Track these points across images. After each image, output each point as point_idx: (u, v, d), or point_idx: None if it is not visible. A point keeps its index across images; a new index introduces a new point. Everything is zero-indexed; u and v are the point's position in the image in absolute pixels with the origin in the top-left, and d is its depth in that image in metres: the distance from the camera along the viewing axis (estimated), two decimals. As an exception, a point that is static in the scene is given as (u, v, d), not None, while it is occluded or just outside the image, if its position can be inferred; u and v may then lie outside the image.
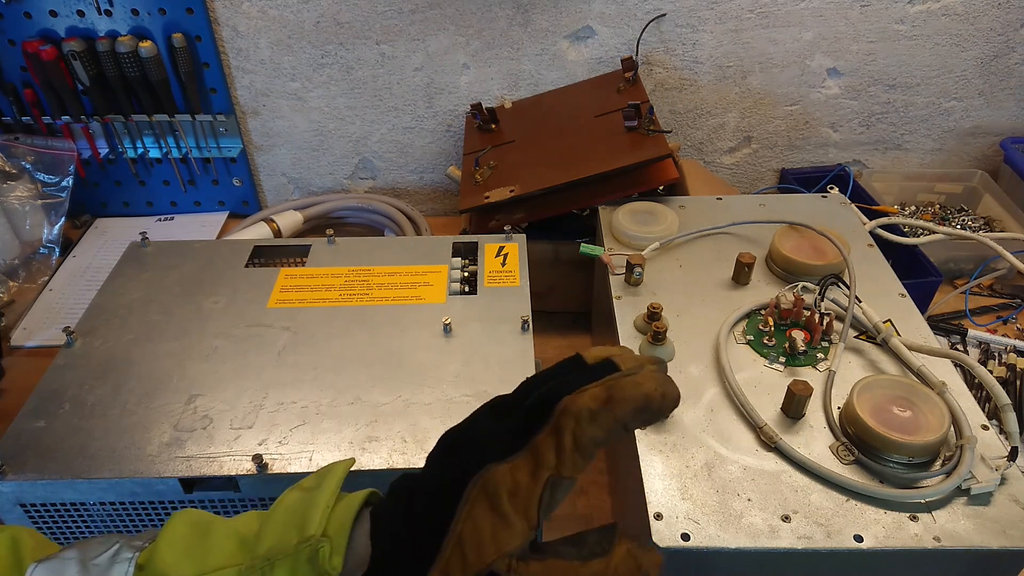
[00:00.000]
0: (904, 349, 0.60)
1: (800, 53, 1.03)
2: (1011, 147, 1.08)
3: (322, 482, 0.37)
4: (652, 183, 0.81)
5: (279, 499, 0.38)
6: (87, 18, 0.97)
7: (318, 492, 0.36)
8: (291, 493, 0.38)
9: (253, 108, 1.08)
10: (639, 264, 0.67)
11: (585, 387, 0.33)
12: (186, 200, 1.15)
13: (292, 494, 0.38)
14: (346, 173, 1.15)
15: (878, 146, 1.13)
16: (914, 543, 0.47)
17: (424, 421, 0.58)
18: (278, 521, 0.36)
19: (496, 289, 0.71)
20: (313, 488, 0.37)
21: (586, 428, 0.32)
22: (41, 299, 0.98)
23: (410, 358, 0.63)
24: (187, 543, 0.37)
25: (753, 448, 0.54)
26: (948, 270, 0.97)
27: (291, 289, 0.72)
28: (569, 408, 0.32)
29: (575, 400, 0.33)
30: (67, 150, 1.05)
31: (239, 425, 0.58)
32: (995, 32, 1.02)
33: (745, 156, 1.14)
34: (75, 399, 0.60)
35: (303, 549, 0.34)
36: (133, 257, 0.77)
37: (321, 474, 0.39)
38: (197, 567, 0.35)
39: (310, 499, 0.36)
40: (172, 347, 0.65)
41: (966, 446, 0.51)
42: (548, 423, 0.33)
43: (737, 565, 0.49)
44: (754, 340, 0.62)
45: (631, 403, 0.33)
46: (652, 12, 1.00)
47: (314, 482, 0.38)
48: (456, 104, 1.08)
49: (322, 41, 1.02)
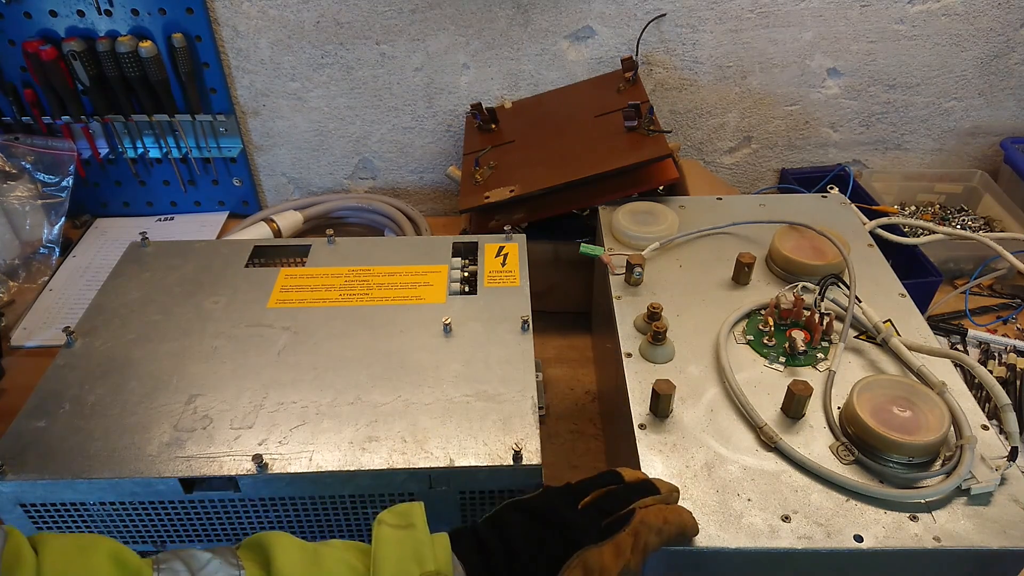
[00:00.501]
0: (904, 349, 0.60)
1: (800, 53, 1.03)
2: (1011, 147, 1.08)
3: (414, 521, 0.42)
4: (652, 183, 0.81)
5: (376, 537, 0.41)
6: (87, 18, 0.97)
7: (417, 531, 0.41)
8: (384, 530, 0.41)
9: (253, 108, 1.08)
10: (639, 264, 0.67)
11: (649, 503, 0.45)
12: (186, 200, 1.15)
13: (389, 532, 0.41)
14: (346, 173, 1.15)
15: (878, 146, 1.13)
16: (914, 543, 0.47)
17: (424, 421, 0.58)
18: (391, 555, 0.40)
19: (496, 289, 0.71)
20: (407, 527, 0.42)
21: (652, 538, 0.43)
22: (41, 299, 0.98)
23: (410, 358, 0.63)
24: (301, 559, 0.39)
25: (753, 448, 0.54)
26: (948, 270, 0.97)
27: (291, 289, 0.72)
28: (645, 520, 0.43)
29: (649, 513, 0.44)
30: (67, 150, 1.05)
31: (239, 425, 0.58)
32: (995, 32, 1.02)
33: (745, 156, 1.14)
34: (75, 399, 0.60)
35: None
36: (133, 257, 0.77)
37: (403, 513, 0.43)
38: None
39: (415, 536, 0.41)
40: (172, 347, 0.65)
41: (966, 446, 0.51)
42: (628, 525, 0.43)
43: (737, 565, 0.49)
44: (754, 340, 0.62)
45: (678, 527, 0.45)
46: (652, 12, 1.00)
47: (399, 520, 0.42)
48: (456, 104, 1.08)
49: (322, 41, 1.02)
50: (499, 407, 0.59)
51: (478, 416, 0.58)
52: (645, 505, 0.45)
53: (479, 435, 0.56)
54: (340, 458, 0.55)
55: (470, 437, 0.56)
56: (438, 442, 0.56)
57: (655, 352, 0.60)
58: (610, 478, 0.47)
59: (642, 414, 0.56)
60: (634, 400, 0.57)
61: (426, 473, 0.55)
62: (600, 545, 0.42)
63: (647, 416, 0.56)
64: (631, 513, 0.44)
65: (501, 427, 0.57)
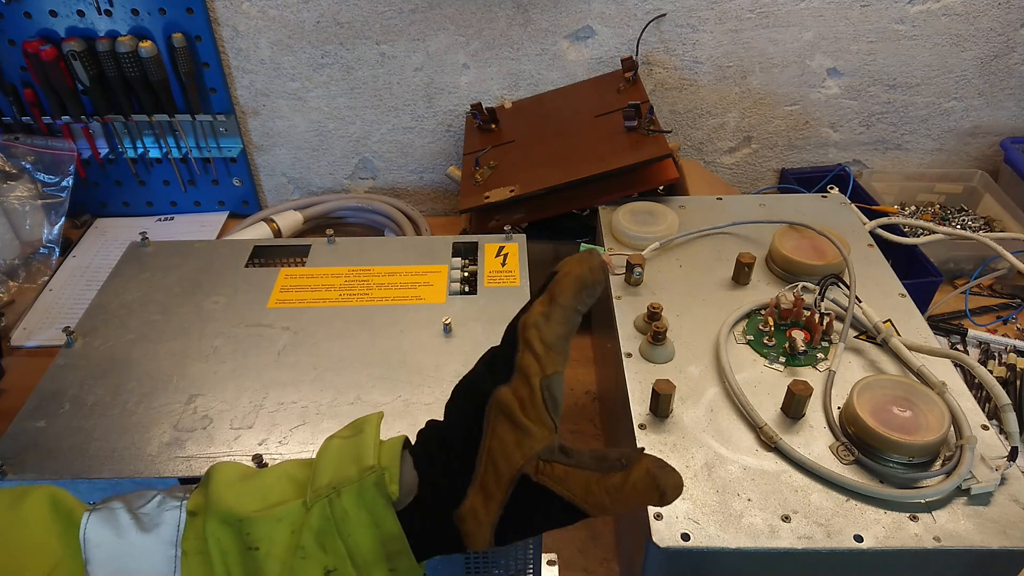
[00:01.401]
0: (904, 349, 0.60)
1: (800, 53, 1.03)
2: (1011, 147, 1.08)
3: (363, 428, 0.40)
4: (652, 183, 0.81)
5: (322, 448, 0.40)
6: (87, 18, 0.97)
7: (363, 436, 0.39)
8: (332, 441, 0.40)
9: (253, 108, 1.08)
10: (639, 264, 0.67)
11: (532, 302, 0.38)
12: (186, 200, 1.15)
13: (333, 442, 0.40)
14: (346, 173, 1.15)
15: (878, 146, 1.13)
16: (914, 543, 0.47)
17: (424, 421, 0.57)
18: (330, 461, 0.38)
19: (496, 289, 0.71)
20: (353, 435, 0.40)
21: (545, 329, 0.37)
22: (41, 299, 0.98)
23: (410, 358, 0.63)
24: (242, 485, 0.38)
25: (753, 448, 0.54)
26: (948, 270, 0.97)
27: (291, 289, 0.72)
28: (526, 322, 0.37)
29: (528, 315, 0.37)
30: (67, 150, 1.05)
31: (239, 425, 0.58)
32: (995, 32, 1.02)
33: (745, 156, 1.14)
34: (75, 399, 0.60)
35: (368, 476, 0.37)
36: (133, 257, 0.77)
37: (356, 425, 0.41)
38: (260, 503, 0.37)
39: (357, 440, 0.39)
40: (172, 347, 0.65)
41: (966, 446, 0.51)
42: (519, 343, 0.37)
43: (737, 565, 0.49)
44: (754, 340, 0.62)
45: (569, 291, 0.36)
46: (652, 12, 1.00)
47: (351, 432, 0.40)
48: (456, 104, 1.08)
49: (322, 41, 1.02)
50: (499, 407, 0.58)
51: (478, 416, 0.58)
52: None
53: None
54: (340, 458, 0.55)
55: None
56: (438, 442, 0.56)
57: (655, 352, 0.60)
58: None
59: (642, 414, 0.56)
60: (634, 400, 0.57)
61: (426, 473, 0.55)
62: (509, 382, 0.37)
63: (647, 416, 0.56)
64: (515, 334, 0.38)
65: (501, 427, 0.57)
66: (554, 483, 0.36)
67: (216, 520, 0.37)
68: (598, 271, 0.37)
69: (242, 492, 0.38)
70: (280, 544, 0.36)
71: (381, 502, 0.36)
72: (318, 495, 0.37)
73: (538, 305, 0.37)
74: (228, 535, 0.36)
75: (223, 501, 0.37)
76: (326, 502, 0.36)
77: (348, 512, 0.36)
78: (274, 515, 0.37)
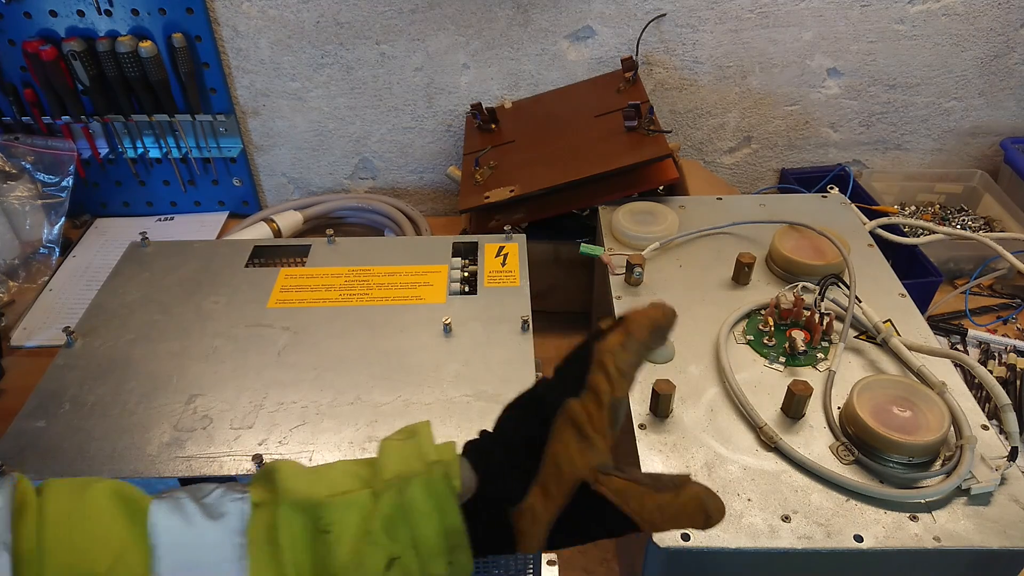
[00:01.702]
0: (904, 349, 0.60)
1: (800, 53, 1.03)
2: (1011, 147, 1.08)
3: (417, 431, 0.42)
4: (652, 183, 0.81)
5: (381, 447, 0.41)
6: (87, 18, 0.97)
7: (420, 437, 0.41)
8: (389, 443, 0.41)
9: (253, 108, 1.08)
10: (639, 264, 0.67)
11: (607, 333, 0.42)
12: (186, 200, 1.15)
13: (391, 443, 0.41)
14: (346, 173, 1.15)
15: (878, 146, 1.13)
16: (914, 543, 0.47)
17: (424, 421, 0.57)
18: (393, 457, 0.40)
19: (496, 289, 0.71)
20: (408, 438, 0.42)
21: (620, 356, 0.41)
22: (41, 299, 0.98)
23: (410, 358, 0.63)
24: (307, 475, 0.39)
25: (753, 448, 0.54)
26: (948, 270, 0.97)
27: (291, 289, 0.72)
28: (603, 347, 0.41)
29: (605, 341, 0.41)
30: (67, 150, 1.05)
31: (239, 425, 0.58)
32: (995, 32, 1.02)
33: (745, 156, 1.14)
34: (75, 399, 0.60)
35: (436, 468, 0.39)
36: (133, 257, 0.77)
37: (408, 430, 0.43)
38: (325, 490, 0.38)
39: (416, 441, 0.41)
40: (172, 347, 0.65)
41: (966, 446, 0.51)
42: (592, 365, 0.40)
43: (737, 565, 0.49)
44: (754, 340, 0.62)
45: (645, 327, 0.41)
46: (652, 12, 1.00)
47: (405, 435, 0.42)
48: (456, 104, 1.08)
49: (322, 41, 1.02)
50: (499, 407, 0.58)
51: (478, 416, 0.58)
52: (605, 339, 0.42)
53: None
54: (340, 458, 0.55)
55: (470, 437, 0.56)
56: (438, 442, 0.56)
57: (655, 352, 0.60)
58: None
59: (642, 414, 0.56)
60: (634, 400, 0.57)
61: (426, 473, 0.55)
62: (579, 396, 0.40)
63: (647, 416, 0.56)
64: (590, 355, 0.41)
65: (501, 427, 0.57)
66: (611, 493, 0.38)
67: (288, 506, 0.37)
68: (670, 316, 0.42)
69: (312, 481, 0.39)
70: (351, 528, 0.37)
71: (447, 494, 0.38)
72: (388, 485, 0.38)
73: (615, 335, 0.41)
74: (299, 520, 0.37)
75: (296, 489, 0.38)
76: (396, 491, 0.38)
77: (416, 501, 0.38)
78: (346, 500, 0.38)
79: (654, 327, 0.42)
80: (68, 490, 0.38)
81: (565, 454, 0.39)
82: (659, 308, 0.42)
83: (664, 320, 0.42)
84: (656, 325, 0.42)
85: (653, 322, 0.42)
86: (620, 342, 0.41)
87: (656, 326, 0.42)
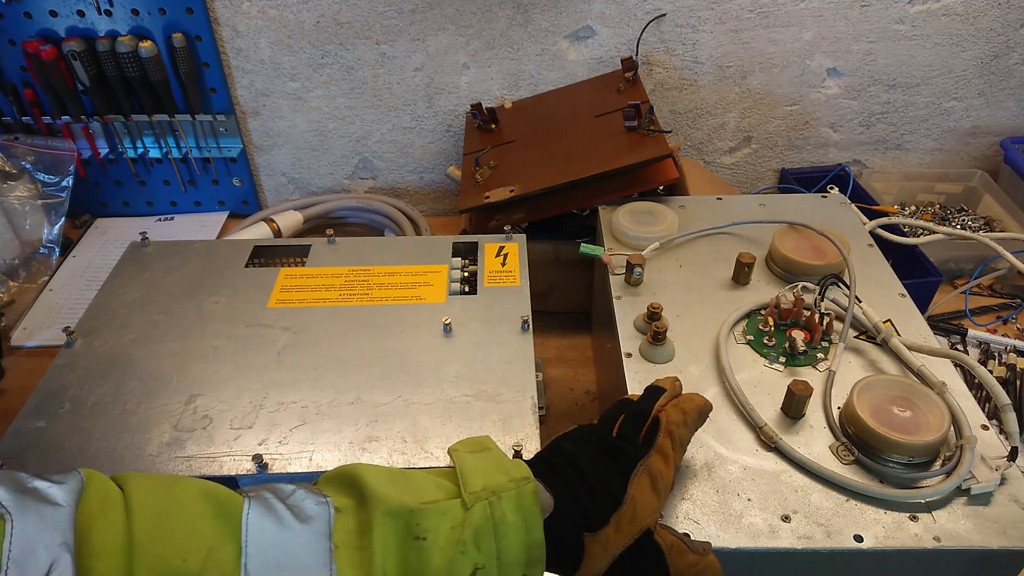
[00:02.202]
0: (904, 349, 0.60)
1: (800, 53, 1.03)
2: (1011, 147, 1.08)
3: (487, 446, 0.45)
4: (652, 183, 0.81)
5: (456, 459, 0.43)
6: (87, 18, 0.97)
7: (494, 452, 0.44)
8: (462, 455, 0.44)
9: (253, 108, 1.08)
10: (639, 264, 0.67)
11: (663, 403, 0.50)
12: (186, 200, 1.15)
13: (464, 455, 0.43)
14: (346, 173, 1.15)
15: (878, 146, 1.13)
16: (914, 543, 0.47)
17: (424, 421, 0.58)
18: (475, 470, 0.42)
19: (496, 289, 0.71)
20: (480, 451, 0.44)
21: (682, 431, 0.48)
22: (41, 299, 0.98)
23: (410, 358, 0.63)
24: (394, 482, 0.40)
25: (753, 448, 0.54)
26: (948, 270, 0.97)
27: (291, 289, 0.72)
28: (670, 418, 0.48)
29: (669, 412, 0.49)
30: (67, 150, 1.05)
31: (239, 425, 0.58)
32: (995, 32, 1.02)
33: (745, 156, 1.14)
34: (75, 399, 0.60)
35: (525, 485, 0.41)
36: (133, 257, 0.77)
37: (476, 443, 0.46)
38: (415, 498, 0.40)
39: (495, 454, 0.44)
40: (172, 347, 0.65)
41: (966, 446, 0.51)
42: (660, 431, 0.47)
43: (737, 565, 0.49)
44: (754, 340, 0.62)
45: (696, 412, 0.50)
46: (652, 12, 1.00)
47: (475, 447, 0.45)
48: (456, 104, 1.08)
49: (322, 41, 1.02)
50: (499, 407, 0.59)
51: (478, 416, 0.58)
52: (662, 407, 0.49)
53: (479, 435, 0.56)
54: (340, 458, 0.55)
55: (470, 437, 0.56)
56: (438, 442, 0.56)
57: (655, 352, 0.60)
58: (622, 406, 0.50)
59: (642, 414, 0.56)
60: (634, 400, 0.57)
61: (426, 473, 0.55)
62: (650, 455, 0.46)
63: (647, 416, 0.56)
64: (656, 421, 0.48)
65: (501, 427, 0.57)
66: (664, 544, 0.44)
67: (383, 512, 0.38)
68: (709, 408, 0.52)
69: (402, 489, 0.40)
70: (443, 536, 0.39)
71: (535, 510, 0.40)
72: (477, 497, 0.40)
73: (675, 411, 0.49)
74: (392, 527, 0.38)
75: (390, 495, 0.39)
76: (487, 504, 0.40)
77: (507, 515, 0.40)
78: (439, 509, 0.39)
79: (702, 411, 0.51)
80: (155, 485, 0.38)
81: (642, 499, 0.44)
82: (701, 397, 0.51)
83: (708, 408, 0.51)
84: (703, 410, 0.51)
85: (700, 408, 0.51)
86: (681, 420, 0.48)
87: (703, 411, 0.51)
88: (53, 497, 0.35)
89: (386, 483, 0.40)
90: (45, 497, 0.35)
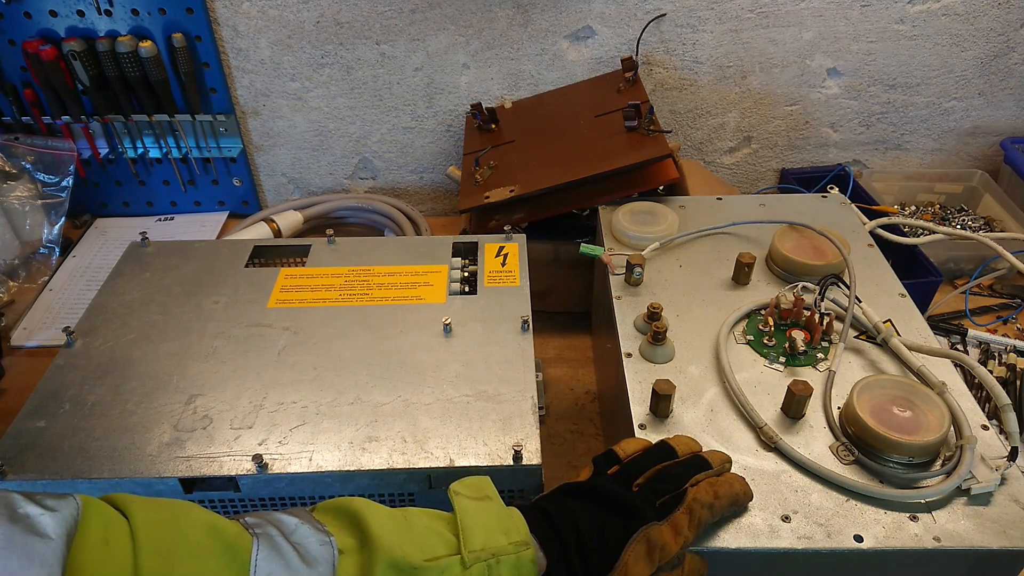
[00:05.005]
0: (904, 349, 0.60)
1: (800, 53, 1.03)
2: (1011, 147, 1.08)
3: (488, 494, 0.45)
4: (652, 183, 0.81)
5: (458, 508, 0.43)
6: (87, 18, 0.97)
7: (495, 503, 0.44)
8: (463, 501, 0.44)
9: (253, 108, 1.08)
10: (639, 264, 0.67)
11: (698, 480, 0.47)
12: (186, 200, 1.15)
13: (468, 502, 0.44)
14: (346, 173, 1.15)
15: (878, 146, 1.13)
16: (914, 543, 0.47)
17: (424, 421, 0.58)
18: (476, 524, 0.42)
19: (496, 289, 0.71)
20: (483, 499, 0.45)
21: (704, 513, 0.46)
22: (41, 299, 0.98)
23: (410, 358, 0.63)
24: (396, 529, 0.41)
25: (753, 448, 0.54)
26: (948, 270, 0.97)
27: (291, 289, 0.72)
28: (697, 497, 0.46)
29: (700, 490, 0.46)
30: (67, 150, 1.05)
31: (239, 425, 0.58)
32: (995, 32, 1.02)
33: (745, 156, 1.14)
34: (75, 399, 0.60)
35: (524, 552, 0.42)
36: (133, 257, 0.77)
37: (477, 486, 0.46)
38: (420, 554, 0.40)
39: (495, 507, 0.44)
40: (172, 347, 0.65)
41: (966, 446, 0.51)
42: (683, 504, 0.46)
43: (737, 565, 0.49)
44: (754, 340, 0.62)
45: (729, 499, 0.47)
46: (652, 12, 1.00)
47: (474, 492, 0.45)
48: (456, 104, 1.08)
49: (322, 41, 1.02)
50: (499, 407, 0.59)
51: (478, 416, 0.58)
52: (696, 482, 0.47)
53: (479, 435, 0.56)
54: (340, 458, 0.55)
55: (470, 437, 0.56)
56: (438, 442, 0.56)
57: (655, 352, 0.60)
58: (663, 453, 0.49)
59: (642, 414, 0.56)
60: (634, 400, 0.57)
61: (426, 473, 0.55)
62: (660, 524, 0.45)
63: (647, 416, 0.56)
64: (684, 492, 0.46)
65: (501, 427, 0.57)
66: None
67: (384, 562, 0.39)
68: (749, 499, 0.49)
69: (404, 539, 0.41)
70: None
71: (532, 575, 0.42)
72: (477, 558, 0.41)
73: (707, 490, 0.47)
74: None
75: (392, 546, 0.40)
76: (485, 566, 0.41)
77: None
78: (439, 566, 0.40)
79: (735, 502, 0.48)
80: (161, 515, 0.38)
81: (634, 567, 0.43)
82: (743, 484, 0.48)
83: (745, 500, 0.49)
84: (736, 501, 0.48)
85: (736, 499, 0.48)
86: (709, 502, 0.46)
87: (736, 502, 0.48)
88: (43, 527, 0.33)
89: (388, 528, 0.40)
90: (34, 527, 0.33)
